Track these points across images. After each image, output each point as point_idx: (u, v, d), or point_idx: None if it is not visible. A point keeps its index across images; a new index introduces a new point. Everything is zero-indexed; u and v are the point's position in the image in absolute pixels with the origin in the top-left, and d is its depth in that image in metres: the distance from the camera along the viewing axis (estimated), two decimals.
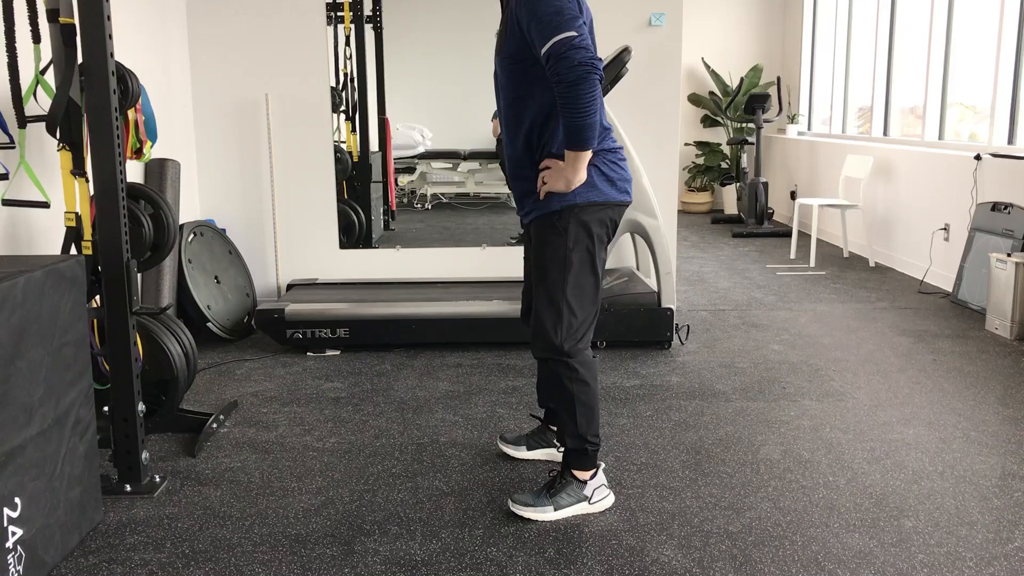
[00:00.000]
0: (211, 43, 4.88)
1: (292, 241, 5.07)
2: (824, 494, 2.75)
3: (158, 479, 2.85)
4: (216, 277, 4.65)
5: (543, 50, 2.30)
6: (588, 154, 2.40)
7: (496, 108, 2.68)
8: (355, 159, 5.42)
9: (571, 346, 2.52)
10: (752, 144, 8.53)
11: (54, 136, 2.79)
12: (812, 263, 6.64)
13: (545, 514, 2.56)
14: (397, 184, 6.14)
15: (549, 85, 2.40)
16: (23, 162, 2.96)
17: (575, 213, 2.48)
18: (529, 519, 2.57)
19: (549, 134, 2.51)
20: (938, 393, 3.70)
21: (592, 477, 2.62)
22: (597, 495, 2.62)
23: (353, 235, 5.31)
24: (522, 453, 3.05)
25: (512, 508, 2.59)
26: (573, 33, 2.26)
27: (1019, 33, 5.32)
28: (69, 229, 2.87)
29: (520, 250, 4.61)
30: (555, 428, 2.99)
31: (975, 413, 3.45)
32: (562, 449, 2.69)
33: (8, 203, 3.00)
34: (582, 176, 2.44)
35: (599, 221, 2.53)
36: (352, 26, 5.30)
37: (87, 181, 2.84)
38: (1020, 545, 2.44)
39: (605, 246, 2.60)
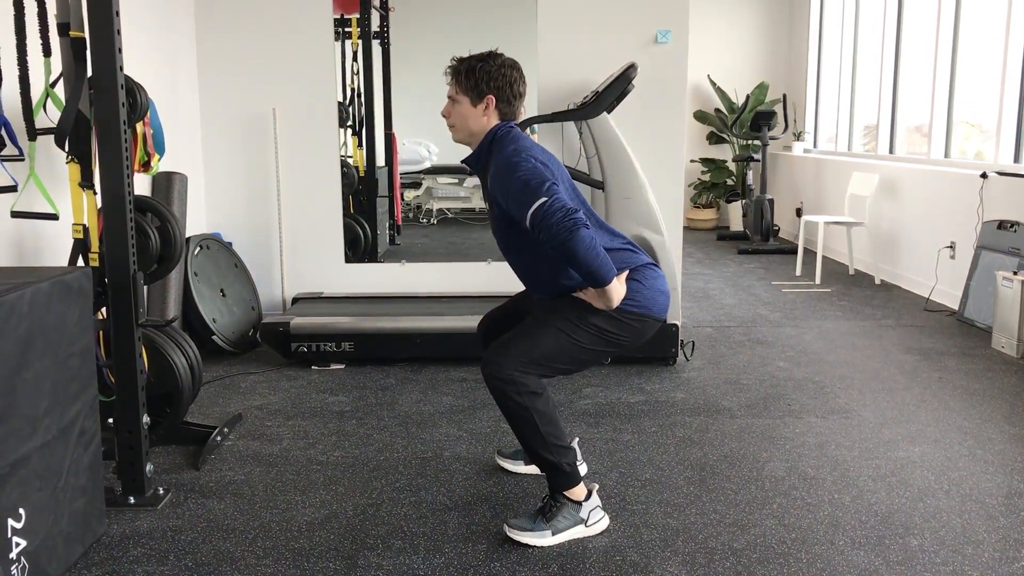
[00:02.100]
0: (219, 57, 4.91)
1: (298, 255, 5.08)
2: (829, 511, 2.74)
3: (162, 491, 2.85)
4: (222, 290, 4.66)
5: (526, 223, 2.42)
6: (614, 284, 2.45)
7: None
8: (361, 174, 5.44)
9: (521, 372, 2.48)
10: (758, 161, 8.54)
11: (63, 149, 2.81)
12: (818, 280, 6.63)
13: (543, 539, 2.52)
14: (403, 199, 6.16)
15: None
16: (32, 174, 2.98)
17: (611, 311, 2.52)
18: (527, 544, 2.51)
19: (563, 270, 2.56)
20: (944, 411, 3.68)
21: (587, 499, 2.58)
22: (593, 517, 2.58)
23: (359, 249, 5.33)
24: (519, 467, 3.04)
25: (509, 533, 2.54)
26: (544, 199, 2.37)
27: None
28: (77, 241, 2.88)
29: None
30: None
31: (981, 431, 3.44)
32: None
33: (17, 215, 3.01)
34: (619, 295, 2.49)
35: (627, 328, 2.57)
36: (359, 42, 5.34)
37: (95, 193, 2.85)
38: None
39: (610, 353, 2.64)
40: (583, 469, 3.00)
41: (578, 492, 2.58)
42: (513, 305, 2.93)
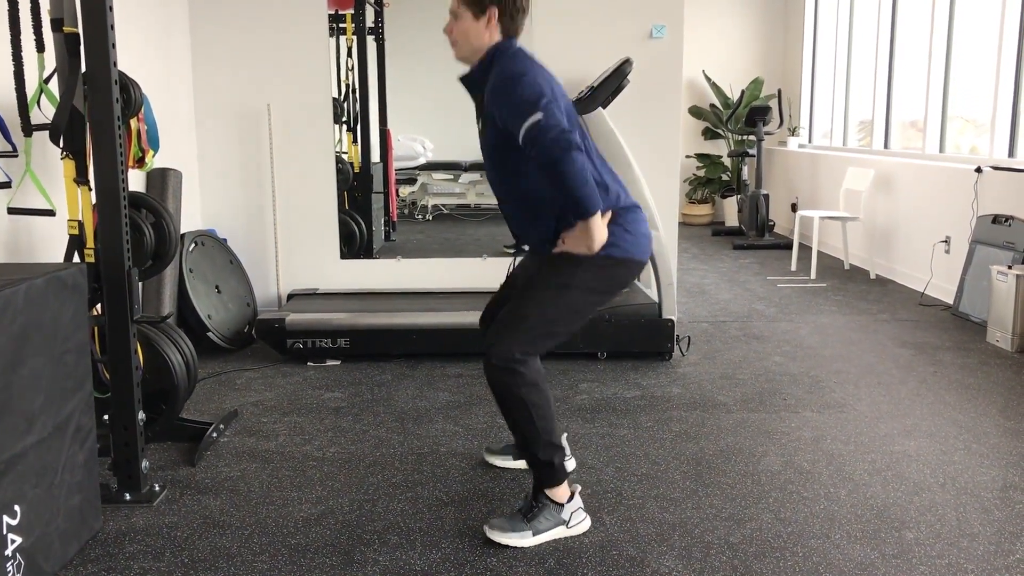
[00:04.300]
0: (214, 53, 4.90)
1: (293, 251, 5.07)
2: (825, 505, 2.75)
3: (158, 488, 2.84)
4: (217, 287, 4.65)
5: (520, 140, 2.37)
6: (598, 217, 2.39)
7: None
8: (356, 170, 5.43)
9: (521, 355, 2.46)
10: (753, 156, 8.55)
11: (57, 145, 2.80)
12: (813, 275, 6.64)
13: (524, 539, 2.49)
14: (398, 195, 6.15)
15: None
16: (28, 170, 2.97)
17: (593, 260, 2.48)
18: (508, 545, 2.49)
19: (550, 203, 2.50)
20: (939, 405, 3.69)
21: (569, 500, 2.56)
22: (575, 519, 2.56)
23: (354, 245, 5.32)
24: (508, 463, 3.04)
25: (489, 534, 2.51)
26: (539, 115, 2.32)
27: (1019, 47, 5.34)
28: (72, 237, 2.87)
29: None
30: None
31: (976, 425, 3.45)
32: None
33: (13, 211, 3.00)
34: (601, 237, 2.42)
35: (611, 276, 2.54)
36: (354, 38, 5.32)
37: (90, 189, 2.85)
38: (1022, 557, 2.43)
39: (603, 301, 2.61)
40: (571, 465, 3.00)
41: (561, 493, 2.56)
42: (502, 291, 2.91)
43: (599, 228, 2.40)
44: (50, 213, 3.01)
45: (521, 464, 3.00)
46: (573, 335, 2.68)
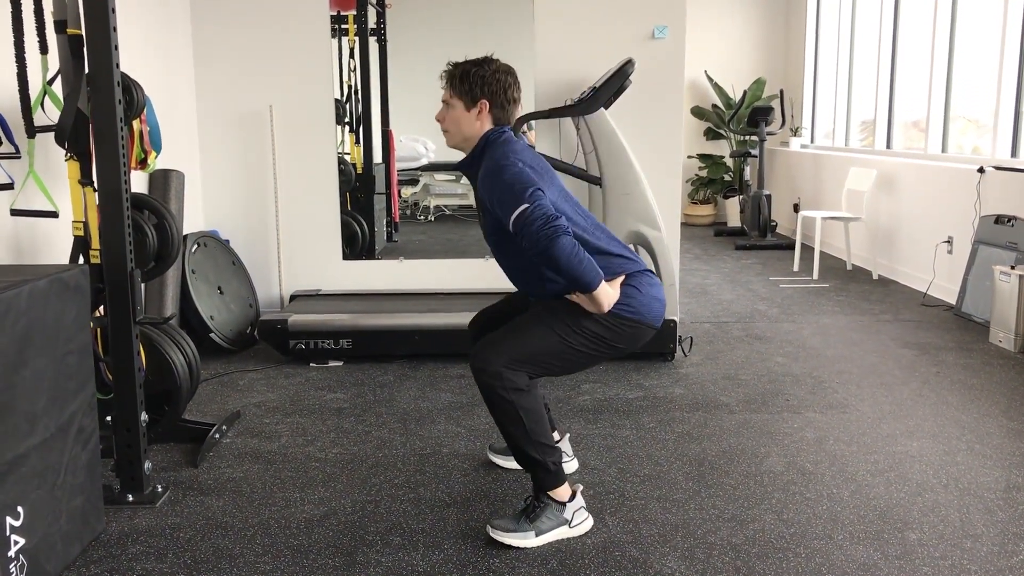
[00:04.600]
0: (216, 54, 4.90)
1: (295, 252, 5.08)
2: (828, 506, 2.74)
3: (160, 489, 2.85)
4: (219, 288, 4.65)
5: (510, 228, 2.42)
6: (603, 288, 2.43)
7: None
8: (359, 171, 5.43)
9: (508, 369, 2.46)
10: (755, 157, 8.54)
11: (63, 146, 2.81)
12: (815, 275, 6.64)
13: (526, 540, 2.50)
14: (400, 196, 6.15)
15: None
16: (32, 172, 2.97)
17: (604, 315, 2.51)
18: (510, 545, 2.49)
19: (549, 274, 2.54)
20: (942, 405, 3.69)
21: (571, 499, 2.57)
22: (577, 518, 2.56)
23: (356, 246, 5.32)
24: (510, 463, 3.04)
25: (492, 534, 2.51)
26: (525, 206, 2.37)
27: (1022, 47, 5.33)
28: (77, 239, 2.88)
29: None
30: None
31: (979, 425, 3.45)
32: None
33: (17, 213, 3.01)
34: (610, 301, 2.47)
35: (621, 334, 2.55)
36: (356, 39, 5.32)
37: (95, 191, 2.85)
38: None
39: (606, 356, 2.62)
40: (573, 466, 3.01)
41: (562, 492, 2.56)
42: (506, 305, 2.92)
43: (606, 294, 2.46)
44: (53, 215, 3.01)
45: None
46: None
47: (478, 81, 2.58)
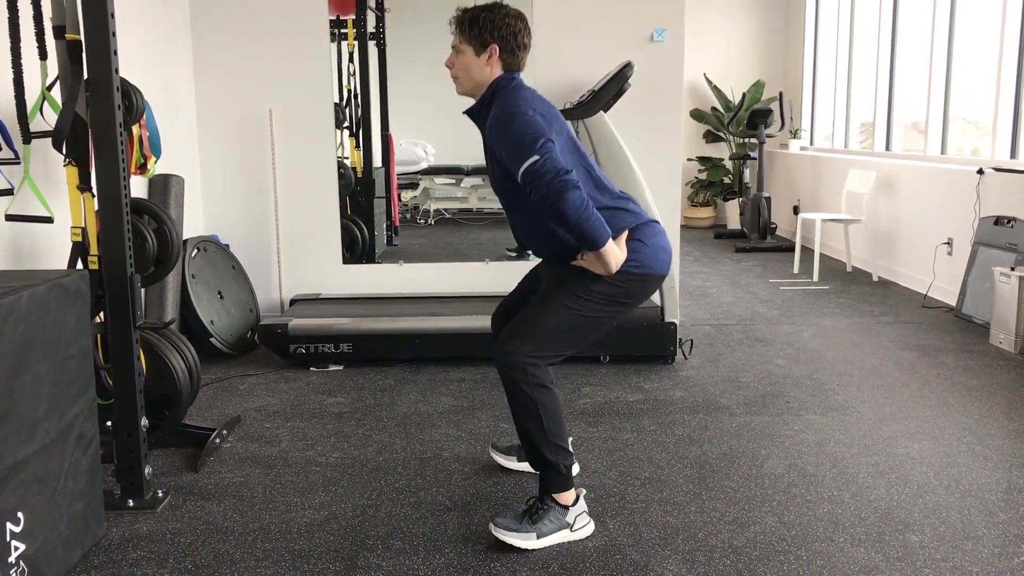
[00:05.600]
0: (215, 59, 4.91)
1: (295, 256, 5.08)
2: (829, 508, 2.74)
3: (161, 494, 2.84)
4: (219, 292, 4.65)
5: (519, 180, 2.39)
6: (610, 244, 2.41)
7: None
8: (358, 175, 5.44)
9: (532, 361, 2.47)
10: (754, 159, 8.55)
11: (60, 151, 2.81)
12: (815, 277, 6.64)
13: (528, 541, 2.49)
14: (400, 199, 6.16)
15: None
16: (27, 177, 2.97)
17: (613, 275, 2.49)
18: (511, 545, 2.48)
19: (563, 233, 2.51)
20: (942, 407, 3.68)
21: (575, 503, 2.56)
22: (579, 522, 2.56)
23: (356, 250, 5.32)
24: (512, 463, 3.04)
25: (494, 532, 2.51)
26: (536, 158, 2.33)
27: (1020, 48, 5.34)
28: (76, 244, 2.88)
29: (521, 265, 4.61)
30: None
31: (980, 427, 3.44)
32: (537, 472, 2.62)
33: (11, 218, 3.01)
34: (617, 261, 2.45)
35: (631, 290, 2.54)
36: (355, 43, 5.33)
37: (93, 196, 2.85)
38: None
39: (621, 314, 2.60)
40: (575, 469, 3.00)
41: (567, 496, 2.56)
42: (520, 291, 2.90)
43: (613, 254, 2.43)
44: (48, 220, 3.01)
45: (524, 466, 3.00)
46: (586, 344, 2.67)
47: (488, 26, 2.52)
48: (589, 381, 4.08)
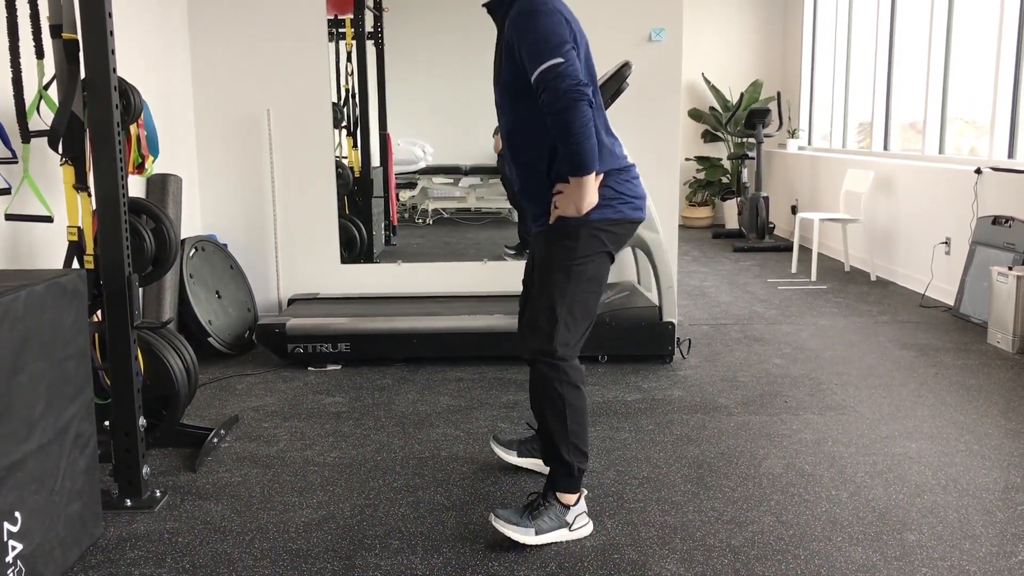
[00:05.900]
0: (213, 58, 4.90)
1: (293, 256, 5.07)
2: (827, 508, 2.74)
3: (159, 494, 2.84)
4: (217, 292, 4.65)
5: (532, 78, 2.31)
6: (592, 177, 2.38)
7: (497, 124, 2.68)
8: (356, 174, 5.43)
9: (564, 351, 2.48)
10: (753, 159, 8.55)
11: (56, 151, 2.80)
12: (813, 277, 6.64)
13: (525, 536, 2.48)
14: (398, 199, 6.16)
15: None
16: (27, 176, 2.97)
17: (588, 226, 2.47)
18: (508, 537, 2.48)
19: (554, 158, 2.48)
20: (940, 407, 3.69)
21: (576, 503, 2.56)
22: (578, 522, 2.56)
23: (354, 250, 5.32)
24: (512, 458, 3.03)
25: (494, 522, 2.50)
26: (559, 60, 2.26)
27: (1018, 48, 5.34)
28: (72, 243, 2.87)
29: (520, 264, 4.61)
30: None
31: (978, 426, 3.45)
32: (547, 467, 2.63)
33: (11, 218, 3.00)
34: (592, 199, 2.41)
35: (610, 236, 2.53)
36: (353, 42, 5.33)
37: (89, 196, 2.85)
38: None
39: (611, 261, 2.59)
40: None
41: (570, 496, 2.56)
42: (527, 282, 2.87)
43: (590, 190, 2.38)
44: (48, 219, 3.01)
45: (523, 462, 3.01)
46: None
47: None
48: (587, 380, 4.06)
